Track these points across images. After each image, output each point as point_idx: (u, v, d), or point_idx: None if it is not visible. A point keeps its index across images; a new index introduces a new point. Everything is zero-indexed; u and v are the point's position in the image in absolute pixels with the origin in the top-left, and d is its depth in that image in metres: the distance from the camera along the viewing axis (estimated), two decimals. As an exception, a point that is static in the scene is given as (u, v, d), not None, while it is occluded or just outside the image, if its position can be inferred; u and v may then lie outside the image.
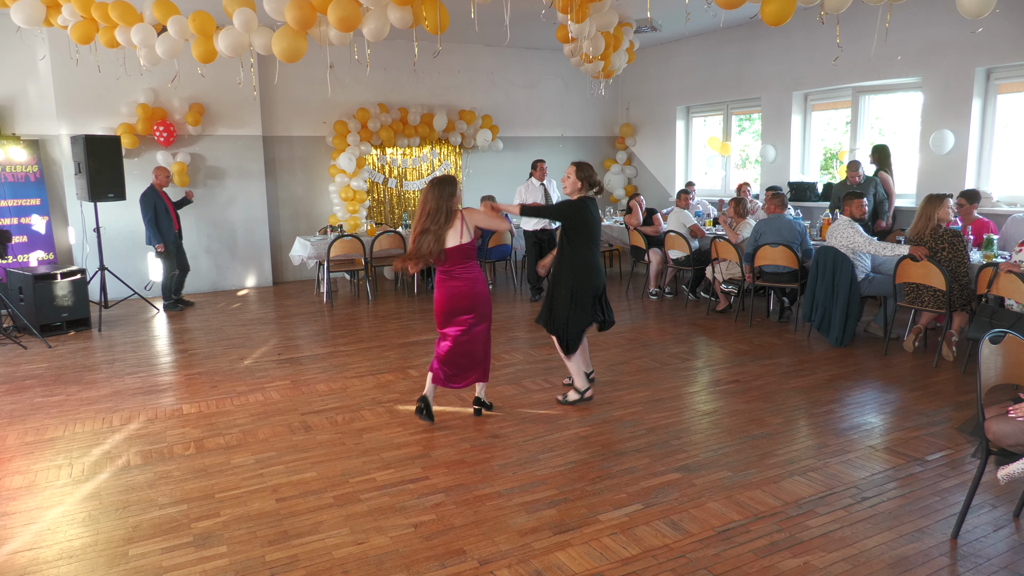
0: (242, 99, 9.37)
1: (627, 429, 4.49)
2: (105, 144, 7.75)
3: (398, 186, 11.01)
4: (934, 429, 4.41)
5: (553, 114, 12.13)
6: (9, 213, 8.33)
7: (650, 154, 12.26)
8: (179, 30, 5.93)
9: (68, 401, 5.24)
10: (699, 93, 11.05)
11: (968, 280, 5.78)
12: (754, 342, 6.54)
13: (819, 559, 3.01)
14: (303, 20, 5.50)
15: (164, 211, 8.13)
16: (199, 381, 5.68)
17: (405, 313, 8.18)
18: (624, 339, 6.74)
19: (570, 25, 6.69)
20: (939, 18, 7.63)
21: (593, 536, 3.22)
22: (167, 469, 4.02)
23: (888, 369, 5.70)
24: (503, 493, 3.65)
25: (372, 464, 4.03)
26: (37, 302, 7.08)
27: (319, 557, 3.09)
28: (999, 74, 7.52)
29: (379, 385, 5.49)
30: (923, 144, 8.04)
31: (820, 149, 9.93)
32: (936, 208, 5.78)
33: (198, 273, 9.60)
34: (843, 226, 6.20)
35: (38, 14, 6.02)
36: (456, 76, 11.09)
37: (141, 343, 6.96)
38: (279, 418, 4.81)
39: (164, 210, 8.13)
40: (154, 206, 8.03)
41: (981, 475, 3.12)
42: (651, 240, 8.75)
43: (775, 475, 3.81)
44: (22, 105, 8.49)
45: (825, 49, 8.65)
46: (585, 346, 5.11)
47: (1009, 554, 3.03)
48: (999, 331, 3.14)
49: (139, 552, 3.15)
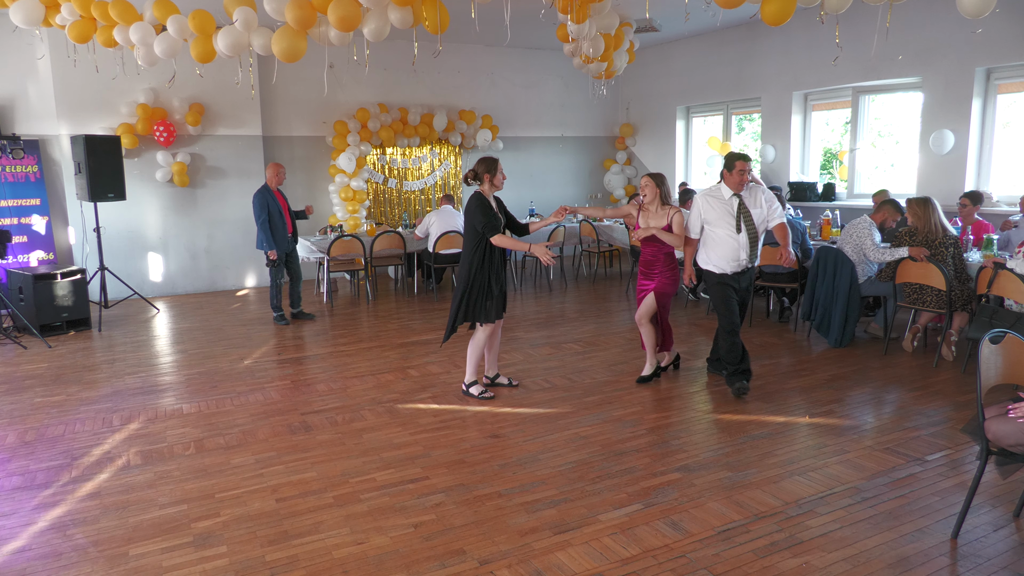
0: (242, 99, 9.37)
1: (627, 429, 4.49)
2: (105, 144, 7.75)
3: (398, 186, 11.02)
4: (934, 429, 4.41)
5: (553, 114, 12.13)
6: (9, 213, 8.33)
7: (650, 154, 12.26)
8: (178, 29, 5.93)
9: (68, 401, 5.24)
10: (699, 93, 11.05)
11: (968, 280, 5.79)
12: (754, 342, 6.54)
13: (819, 559, 3.01)
14: (303, 20, 5.50)
15: (278, 213, 7.27)
16: (199, 381, 5.68)
17: (405, 313, 8.18)
18: (624, 339, 6.74)
19: (570, 26, 6.69)
20: (939, 18, 7.63)
21: (593, 536, 3.22)
22: (167, 469, 4.02)
23: (888, 369, 5.70)
24: (503, 493, 3.65)
25: (372, 464, 4.03)
26: (37, 302, 7.08)
27: (319, 557, 3.09)
28: (999, 74, 7.52)
29: (379, 385, 5.49)
30: (923, 144, 8.04)
31: (820, 149, 9.93)
32: (933, 211, 5.84)
33: (198, 273, 9.62)
34: (862, 226, 6.19)
35: (37, 14, 6.01)
36: (456, 76, 11.09)
37: (141, 343, 6.96)
38: (279, 418, 4.81)
39: (278, 212, 7.27)
40: (267, 207, 7.19)
41: (981, 475, 3.11)
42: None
43: (775, 475, 3.81)
44: (22, 105, 8.48)
45: (825, 49, 8.65)
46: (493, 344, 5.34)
47: (1009, 554, 3.03)
48: (999, 331, 3.14)
49: (139, 552, 3.15)
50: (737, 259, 4.99)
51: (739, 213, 4.97)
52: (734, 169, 4.94)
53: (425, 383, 5.51)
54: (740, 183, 4.95)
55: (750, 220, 4.98)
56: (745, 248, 4.98)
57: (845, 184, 9.30)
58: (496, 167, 4.87)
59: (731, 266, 5.02)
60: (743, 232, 4.96)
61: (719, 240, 5.03)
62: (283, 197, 7.44)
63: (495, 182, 4.87)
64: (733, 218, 4.98)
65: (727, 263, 5.03)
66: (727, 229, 4.99)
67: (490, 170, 4.86)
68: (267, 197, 7.22)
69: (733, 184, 4.97)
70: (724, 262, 5.03)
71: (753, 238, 4.99)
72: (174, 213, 9.35)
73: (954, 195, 7.30)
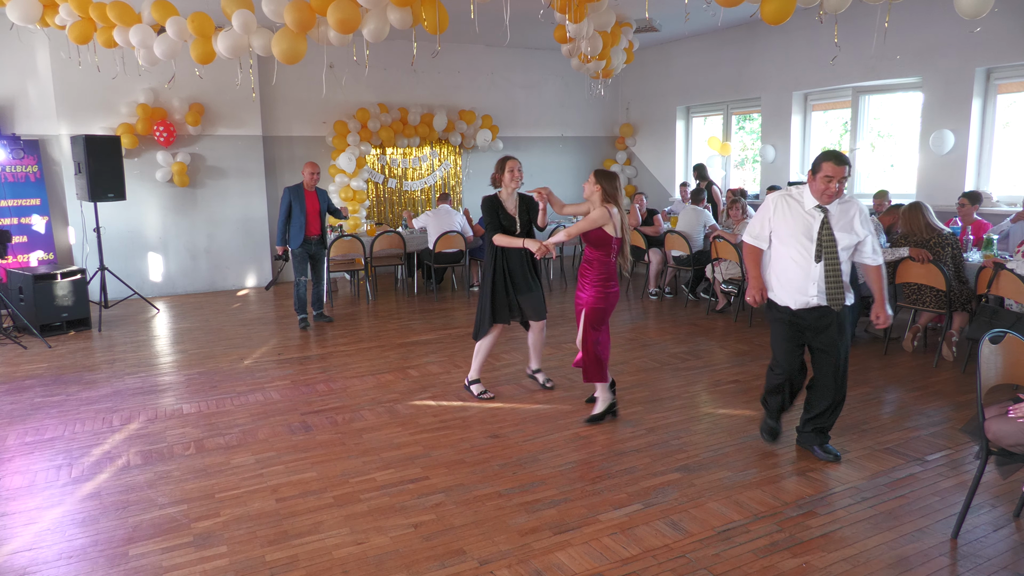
0: (242, 99, 9.37)
1: (627, 429, 4.49)
2: (105, 144, 7.75)
3: (398, 186, 11.02)
4: (934, 429, 4.41)
5: (553, 114, 12.13)
6: (9, 213, 8.33)
7: (650, 154, 12.26)
8: (178, 31, 5.93)
9: (68, 401, 5.24)
10: (699, 93, 11.05)
11: (966, 281, 5.80)
12: (754, 342, 6.54)
13: (819, 559, 3.01)
14: (302, 22, 5.50)
15: (299, 212, 7.15)
16: (199, 381, 5.68)
17: (405, 313, 8.18)
18: (624, 339, 6.74)
19: (568, 25, 6.69)
20: (939, 18, 7.63)
21: (593, 536, 3.22)
22: (167, 469, 4.02)
23: (888, 369, 5.70)
24: (503, 493, 3.65)
25: (372, 464, 4.03)
26: (37, 302, 7.08)
27: (319, 557, 3.09)
28: (999, 74, 7.52)
29: (379, 385, 5.49)
30: (923, 144, 8.04)
31: (819, 149, 9.93)
32: (919, 214, 5.85)
33: (198, 273, 9.61)
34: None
35: (35, 12, 6.00)
36: (456, 76, 11.09)
37: (141, 343, 6.96)
38: (279, 418, 4.81)
39: (300, 211, 7.15)
40: (288, 204, 7.17)
41: (981, 475, 3.12)
42: (651, 240, 8.75)
43: (775, 475, 3.81)
44: (22, 105, 8.48)
45: (825, 49, 8.65)
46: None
47: (1009, 554, 3.04)
48: (999, 331, 3.14)
49: (139, 552, 3.15)
50: (804, 292, 3.74)
51: (821, 233, 3.65)
52: (819, 173, 3.60)
53: (425, 383, 5.51)
54: (826, 193, 3.61)
55: (833, 247, 3.65)
56: (817, 282, 3.70)
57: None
58: (503, 165, 4.89)
59: (795, 300, 3.79)
60: (820, 260, 3.68)
61: (785, 262, 3.79)
62: (318, 197, 7.30)
63: (505, 180, 4.89)
64: (811, 239, 3.68)
65: (790, 294, 3.80)
66: (798, 250, 3.71)
67: (499, 169, 4.91)
68: (290, 196, 7.16)
69: (816, 192, 3.65)
70: (786, 292, 3.81)
71: (833, 272, 3.66)
72: (174, 213, 9.35)
73: (954, 195, 7.30)
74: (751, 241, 3.96)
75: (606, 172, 4.45)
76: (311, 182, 7.25)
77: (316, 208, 7.28)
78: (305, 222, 7.18)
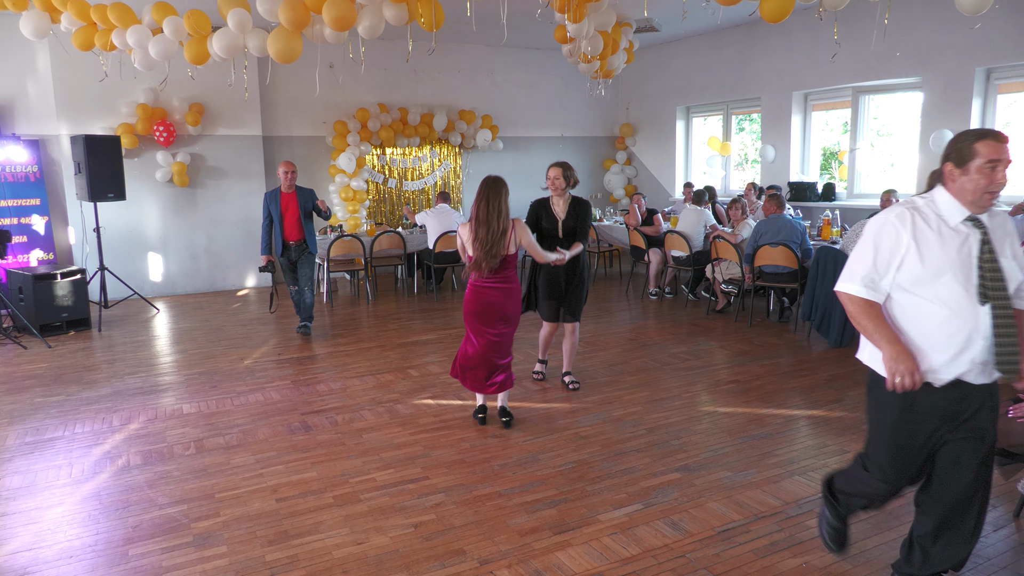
0: (242, 99, 9.36)
1: (627, 429, 4.49)
2: (105, 144, 7.75)
3: (398, 186, 11.02)
4: (934, 429, 4.41)
5: (553, 114, 12.13)
6: (9, 213, 8.33)
7: (650, 154, 12.26)
8: (174, 30, 5.93)
9: (68, 401, 5.24)
10: (699, 93, 11.05)
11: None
12: (754, 342, 6.54)
13: (819, 559, 3.01)
14: (297, 21, 5.49)
15: (277, 218, 6.70)
16: (199, 381, 5.68)
17: (405, 313, 8.18)
18: (624, 339, 6.74)
19: (568, 25, 6.69)
20: (939, 18, 7.63)
21: (593, 536, 3.22)
22: (167, 469, 4.02)
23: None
24: (503, 493, 3.65)
25: (372, 464, 4.03)
26: (37, 302, 7.08)
27: (319, 557, 3.09)
28: (999, 74, 7.52)
29: (379, 385, 5.49)
30: (923, 144, 8.04)
31: (819, 149, 9.93)
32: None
33: (198, 273, 9.61)
34: None
35: (44, 26, 6.08)
36: (456, 76, 11.09)
37: (141, 343, 6.96)
38: (279, 418, 4.81)
39: (277, 217, 6.70)
40: (268, 211, 6.73)
41: (981, 475, 3.10)
42: (651, 240, 8.75)
43: (775, 475, 3.81)
44: (22, 105, 8.48)
45: (825, 49, 8.65)
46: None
47: (1009, 554, 3.04)
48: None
49: (139, 552, 3.15)
50: (968, 349, 2.35)
51: (982, 258, 2.34)
52: (973, 160, 2.30)
53: (425, 383, 5.51)
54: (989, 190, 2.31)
55: (999, 277, 2.33)
56: (985, 332, 2.33)
57: (845, 184, 9.29)
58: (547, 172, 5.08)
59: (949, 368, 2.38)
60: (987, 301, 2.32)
61: (926, 313, 2.39)
62: (294, 198, 6.74)
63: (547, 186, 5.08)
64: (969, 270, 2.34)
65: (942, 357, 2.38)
66: (951, 289, 2.34)
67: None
68: (268, 201, 6.76)
69: (970, 193, 2.33)
70: (937, 353, 2.38)
71: (1004, 317, 2.31)
72: (174, 213, 9.35)
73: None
74: (862, 292, 2.49)
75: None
76: (288, 183, 6.71)
77: (294, 212, 6.73)
78: (282, 228, 6.73)
